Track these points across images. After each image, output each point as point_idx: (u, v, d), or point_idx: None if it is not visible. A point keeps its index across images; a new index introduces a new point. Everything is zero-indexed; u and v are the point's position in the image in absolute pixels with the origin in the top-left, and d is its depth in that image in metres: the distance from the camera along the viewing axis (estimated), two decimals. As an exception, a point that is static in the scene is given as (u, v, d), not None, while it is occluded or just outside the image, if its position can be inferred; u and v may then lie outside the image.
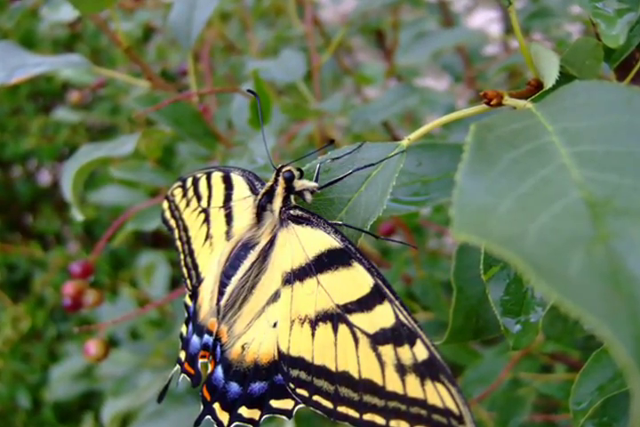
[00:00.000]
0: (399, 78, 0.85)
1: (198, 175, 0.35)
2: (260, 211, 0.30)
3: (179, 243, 0.35)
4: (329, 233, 0.26)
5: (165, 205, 0.37)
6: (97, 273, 1.11)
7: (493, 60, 0.90)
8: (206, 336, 0.30)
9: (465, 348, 0.58)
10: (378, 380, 0.23)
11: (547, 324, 0.39)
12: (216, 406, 0.28)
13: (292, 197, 0.29)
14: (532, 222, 0.16)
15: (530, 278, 0.14)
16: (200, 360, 0.30)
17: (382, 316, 0.24)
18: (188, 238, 0.34)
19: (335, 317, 0.25)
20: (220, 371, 0.29)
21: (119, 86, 1.02)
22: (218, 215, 0.33)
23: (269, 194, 0.30)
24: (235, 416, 0.28)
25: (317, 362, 0.25)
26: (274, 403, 0.27)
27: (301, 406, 0.26)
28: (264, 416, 0.27)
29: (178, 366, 0.32)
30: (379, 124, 0.68)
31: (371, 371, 0.24)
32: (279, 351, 0.27)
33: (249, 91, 0.37)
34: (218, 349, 0.29)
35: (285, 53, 0.65)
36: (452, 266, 0.34)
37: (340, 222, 0.28)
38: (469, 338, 0.32)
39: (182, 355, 0.32)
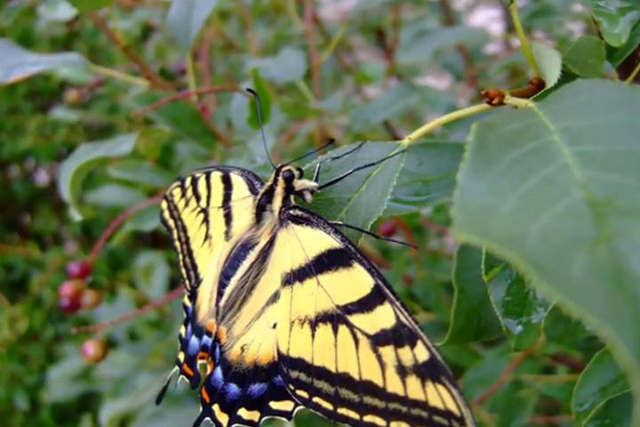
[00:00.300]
0: (400, 77, 0.85)
1: (197, 175, 0.34)
2: (260, 211, 0.30)
3: (177, 243, 0.35)
4: (329, 233, 0.26)
5: (164, 204, 0.37)
6: (95, 274, 1.10)
7: (495, 58, 0.90)
8: (205, 337, 0.30)
9: (466, 349, 0.58)
10: (378, 381, 0.23)
11: (549, 325, 0.39)
12: (215, 407, 0.28)
13: (292, 196, 0.29)
14: (534, 222, 0.16)
15: (532, 279, 0.14)
16: (199, 361, 0.30)
17: (383, 317, 0.24)
18: (187, 239, 0.34)
19: (335, 317, 0.25)
20: (219, 372, 0.28)
21: (117, 85, 1.02)
22: (217, 215, 0.32)
23: (269, 194, 0.29)
24: (234, 418, 0.28)
25: (317, 363, 0.25)
26: (273, 404, 0.27)
27: (301, 407, 0.26)
28: (263, 418, 0.27)
29: (177, 368, 0.31)
30: (379, 123, 0.68)
31: (371, 372, 0.23)
32: (279, 352, 0.27)
33: (248, 90, 0.37)
34: (217, 350, 0.29)
35: (285, 52, 0.65)
36: (453, 266, 0.34)
37: (341, 222, 0.27)
38: (470, 339, 0.32)
39: (181, 356, 0.31)
